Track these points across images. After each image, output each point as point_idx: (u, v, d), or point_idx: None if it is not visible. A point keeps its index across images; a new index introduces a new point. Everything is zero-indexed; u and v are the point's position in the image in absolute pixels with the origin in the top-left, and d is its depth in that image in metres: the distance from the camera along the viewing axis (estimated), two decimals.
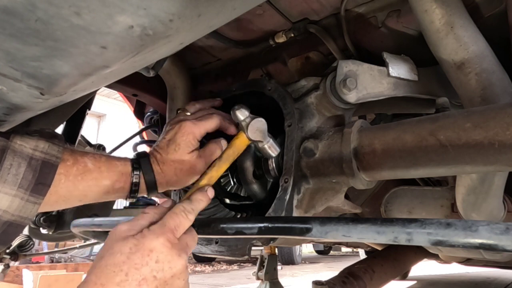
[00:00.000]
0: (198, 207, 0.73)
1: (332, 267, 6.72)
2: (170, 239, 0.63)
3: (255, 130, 0.83)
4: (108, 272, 0.58)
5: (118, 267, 0.58)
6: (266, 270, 2.67)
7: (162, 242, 0.62)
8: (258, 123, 0.83)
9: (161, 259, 0.61)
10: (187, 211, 0.69)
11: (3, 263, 2.29)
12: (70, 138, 1.54)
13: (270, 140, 0.87)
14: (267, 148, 0.88)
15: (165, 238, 0.63)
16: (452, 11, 0.85)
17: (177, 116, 0.94)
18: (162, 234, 0.63)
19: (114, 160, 0.84)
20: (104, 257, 0.60)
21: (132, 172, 0.84)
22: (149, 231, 0.63)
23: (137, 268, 0.59)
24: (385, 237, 0.60)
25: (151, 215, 0.68)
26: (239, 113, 0.82)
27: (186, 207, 0.70)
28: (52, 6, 0.45)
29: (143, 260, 0.60)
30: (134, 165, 0.85)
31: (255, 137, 0.84)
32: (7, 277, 3.59)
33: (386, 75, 0.97)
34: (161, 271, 0.60)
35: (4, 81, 0.57)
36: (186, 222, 0.69)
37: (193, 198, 0.74)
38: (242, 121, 0.83)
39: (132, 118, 2.12)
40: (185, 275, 0.65)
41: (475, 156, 0.71)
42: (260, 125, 0.83)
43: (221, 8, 0.57)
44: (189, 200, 0.73)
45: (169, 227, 0.65)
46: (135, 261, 0.59)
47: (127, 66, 0.63)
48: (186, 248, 0.66)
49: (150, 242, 0.61)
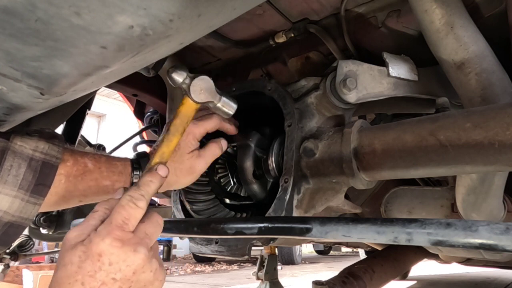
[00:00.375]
0: (149, 191, 0.65)
1: (332, 267, 6.72)
2: (119, 237, 0.58)
3: (199, 90, 0.73)
4: (64, 285, 0.55)
5: (72, 278, 0.55)
6: (266, 270, 2.67)
7: (109, 243, 0.57)
8: (201, 81, 0.72)
9: (114, 261, 0.56)
10: (135, 199, 0.62)
11: (3, 263, 2.29)
12: (70, 138, 1.54)
13: (222, 98, 0.77)
14: (221, 107, 0.79)
15: (112, 238, 0.57)
16: (452, 11, 0.85)
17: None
18: (108, 235, 0.57)
19: (114, 160, 0.84)
20: (58, 270, 0.57)
21: (132, 172, 0.84)
22: (95, 234, 0.58)
23: (91, 275, 0.55)
24: (385, 237, 0.60)
25: (101, 212, 0.62)
26: (176, 75, 0.71)
27: (133, 194, 0.62)
28: (52, 6, 0.45)
29: (95, 266, 0.56)
30: (134, 165, 0.85)
31: (202, 98, 0.74)
32: (7, 277, 3.59)
33: (386, 75, 0.97)
34: (118, 271, 0.56)
35: (4, 81, 0.57)
36: (137, 212, 0.61)
37: (141, 182, 0.66)
38: (182, 83, 0.72)
39: (132, 118, 2.12)
40: (150, 266, 0.60)
41: (475, 156, 0.71)
42: (203, 84, 0.73)
43: (221, 8, 0.57)
44: (137, 186, 0.65)
45: (116, 224, 0.59)
46: (87, 269, 0.55)
47: (127, 66, 0.63)
48: (145, 239, 0.61)
49: (97, 247, 0.56)
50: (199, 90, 0.72)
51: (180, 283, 4.93)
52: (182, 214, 1.11)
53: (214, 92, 0.75)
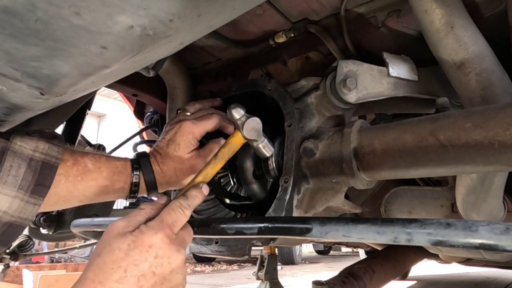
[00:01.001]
0: (194, 203, 0.73)
1: (332, 267, 6.72)
2: (168, 235, 0.63)
3: (250, 129, 0.84)
4: (106, 270, 0.57)
5: (116, 264, 0.58)
6: (266, 270, 2.67)
7: (160, 237, 0.62)
8: (253, 122, 0.84)
9: (160, 255, 0.61)
10: (184, 207, 0.69)
11: (3, 263, 2.29)
12: (70, 138, 1.54)
13: (264, 139, 0.88)
14: (261, 147, 0.88)
15: (164, 233, 0.62)
16: (452, 11, 0.85)
17: (177, 116, 0.93)
18: (161, 230, 0.62)
19: (114, 160, 0.84)
20: (101, 254, 0.59)
21: (132, 172, 0.84)
22: (147, 227, 0.62)
23: (136, 264, 0.58)
24: (385, 237, 0.60)
25: (147, 211, 0.68)
26: (235, 112, 0.83)
27: (182, 203, 0.70)
28: (52, 6, 0.45)
29: (142, 256, 0.59)
30: (134, 165, 0.85)
31: (251, 136, 0.84)
32: (7, 277, 3.59)
33: (386, 75, 0.97)
34: (160, 266, 0.60)
35: (4, 81, 0.57)
36: (183, 218, 0.68)
37: (188, 194, 0.73)
38: (238, 120, 0.83)
39: (132, 118, 2.12)
40: (183, 270, 0.65)
41: (475, 156, 0.71)
42: (255, 124, 0.84)
43: (221, 8, 0.57)
44: (185, 196, 0.73)
45: (167, 223, 0.64)
46: (134, 257, 0.59)
47: (127, 66, 0.63)
48: (183, 243, 0.66)
49: (149, 238, 0.61)
50: (250, 129, 0.84)
51: None
52: None
53: (261, 133, 0.86)
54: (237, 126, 0.84)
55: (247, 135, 0.84)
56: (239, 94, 1.08)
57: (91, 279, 0.57)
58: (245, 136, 0.84)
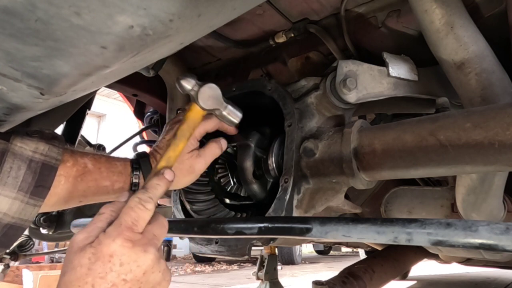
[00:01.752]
0: (156, 194, 0.66)
1: (332, 267, 6.72)
2: (129, 238, 0.58)
3: (207, 97, 0.75)
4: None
5: (82, 281, 0.54)
6: (266, 270, 2.66)
7: (120, 243, 0.57)
8: (209, 89, 0.75)
9: (125, 261, 0.57)
10: (144, 201, 0.63)
11: (3, 263, 2.29)
12: (70, 138, 1.54)
13: (228, 106, 0.80)
14: (226, 115, 0.81)
15: (123, 238, 0.58)
16: (452, 11, 0.85)
17: (176, 116, 0.93)
18: (119, 235, 0.58)
19: (114, 160, 0.84)
20: (66, 274, 0.56)
21: (132, 172, 0.84)
22: (105, 235, 0.58)
23: (102, 277, 0.55)
24: (385, 237, 0.60)
25: (107, 214, 0.63)
26: (185, 83, 0.73)
27: (141, 197, 0.63)
28: (52, 6, 0.45)
29: (106, 267, 0.56)
30: (133, 165, 0.85)
31: (209, 105, 0.76)
32: (7, 277, 3.59)
33: (386, 75, 0.97)
34: (129, 272, 0.57)
35: (4, 81, 0.57)
36: (146, 214, 0.62)
37: (148, 185, 0.67)
38: (190, 90, 0.74)
39: (132, 118, 2.12)
40: (159, 267, 0.60)
41: (475, 156, 0.71)
42: (211, 91, 0.75)
43: (221, 8, 0.57)
44: (144, 188, 0.66)
45: (126, 225, 0.59)
46: (97, 270, 0.55)
47: (127, 66, 0.63)
48: (153, 240, 0.62)
49: (107, 248, 0.56)
50: (207, 97, 0.75)
51: (180, 283, 4.93)
52: (182, 214, 1.11)
53: (221, 100, 0.78)
54: (192, 98, 0.75)
55: (205, 105, 0.75)
56: (239, 94, 1.08)
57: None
58: (203, 107, 0.75)
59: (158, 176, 0.68)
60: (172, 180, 0.70)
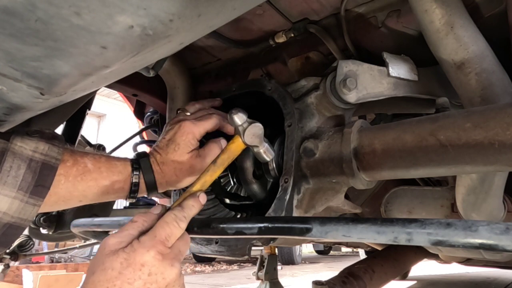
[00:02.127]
0: (190, 214, 0.71)
1: (332, 267, 6.72)
2: (161, 251, 0.62)
3: (252, 135, 0.81)
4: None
5: (111, 283, 0.57)
6: (266, 270, 2.66)
7: (153, 255, 0.61)
8: (255, 128, 0.81)
9: (153, 272, 0.60)
10: (179, 219, 0.67)
11: (3, 263, 2.29)
12: (70, 138, 1.54)
13: (265, 145, 0.86)
14: (262, 153, 0.86)
15: (156, 250, 0.61)
16: (452, 11, 0.85)
17: (176, 116, 0.93)
18: (153, 247, 0.61)
19: (114, 160, 0.84)
20: (95, 273, 0.59)
21: (132, 172, 0.84)
22: (139, 244, 0.61)
23: (130, 282, 0.58)
24: (385, 237, 0.60)
25: (140, 223, 0.66)
26: (237, 118, 0.80)
27: (177, 214, 0.68)
28: (52, 6, 0.45)
29: (135, 274, 0.59)
30: (133, 165, 0.85)
31: (252, 142, 0.82)
32: (7, 277, 3.59)
33: (386, 75, 0.97)
34: (154, 282, 0.60)
35: (4, 81, 0.57)
36: (178, 231, 0.67)
37: (184, 204, 0.71)
38: (239, 126, 0.80)
39: (132, 118, 2.12)
40: (180, 281, 0.64)
41: (475, 156, 0.71)
42: (257, 130, 0.81)
43: (221, 8, 0.57)
44: (181, 206, 0.70)
45: (160, 239, 0.63)
46: (127, 276, 0.58)
47: (127, 66, 0.63)
48: (178, 255, 0.65)
49: (141, 257, 0.60)
50: (251, 135, 0.81)
51: None
52: None
53: (262, 139, 0.84)
54: (238, 131, 0.81)
55: (248, 142, 0.81)
56: (239, 94, 1.08)
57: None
58: (246, 143, 0.82)
59: (194, 198, 0.73)
60: (204, 203, 0.75)
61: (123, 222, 1.07)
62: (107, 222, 1.17)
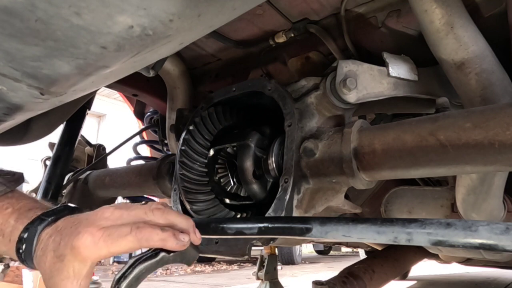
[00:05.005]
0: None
1: (332, 267, 6.72)
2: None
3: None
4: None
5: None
6: (266, 270, 2.66)
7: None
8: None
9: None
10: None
11: (3, 263, 2.28)
12: (70, 138, 1.54)
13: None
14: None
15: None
16: (452, 11, 0.85)
17: (81, 214, 0.66)
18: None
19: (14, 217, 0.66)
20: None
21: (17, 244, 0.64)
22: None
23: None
24: (385, 237, 0.60)
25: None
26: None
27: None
28: (52, 6, 0.45)
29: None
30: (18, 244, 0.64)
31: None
32: (7, 277, 3.59)
33: (386, 75, 0.97)
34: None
35: (4, 81, 0.57)
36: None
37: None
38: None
39: (132, 118, 2.12)
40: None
41: (475, 156, 0.71)
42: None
43: (221, 8, 0.57)
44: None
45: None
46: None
47: (127, 66, 0.63)
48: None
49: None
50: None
51: (180, 283, 4.93)
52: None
53: None
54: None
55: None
56: (239, 94, 1.08)
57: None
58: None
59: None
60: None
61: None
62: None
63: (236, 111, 1.15)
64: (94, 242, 0.56)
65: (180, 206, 1.12)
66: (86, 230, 0.57)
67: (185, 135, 1.11)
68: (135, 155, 2.01)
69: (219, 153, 1.14)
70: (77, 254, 0.56)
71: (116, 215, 0.62)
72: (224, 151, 1.13)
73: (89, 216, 0.62)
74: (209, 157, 1.11)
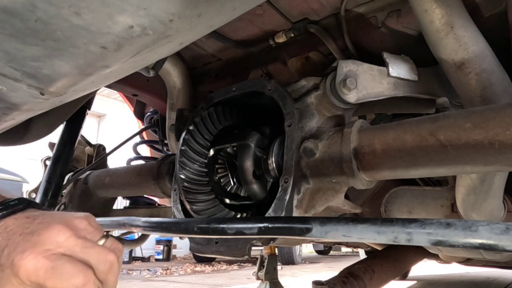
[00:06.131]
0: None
1: (332, 267, 6.72)
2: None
3: None
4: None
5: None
6: (266, 270, 2.66)
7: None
8: None
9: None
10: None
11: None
12: (70, 138, 1.54)
13: None
14: None
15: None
16: (452, 11, 0.85)
17: (38, 217, 0.57)
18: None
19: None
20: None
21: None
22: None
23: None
24: (385, 237, 0.60)
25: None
26: None
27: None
28: (52, 6, 0.45)
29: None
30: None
31: None
32: None
33: (386, 75, 0.97)
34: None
35: (4, 81, 0.57)
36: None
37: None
38: None
39: (132, 118, 2.12)
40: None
41: (475, 156, 0.71)
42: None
43: (221, 8, 0.57)
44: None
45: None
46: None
47: (127, 66, 0.63)
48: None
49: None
50: None
51: (180, 283, 4.93)
52: (182, 214, 1.10)
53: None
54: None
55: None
56: (239, 94, 1.08)
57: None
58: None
59: None
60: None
61: (123, 222, 1.07)
62: (106, 222, 1.17)
63: (236, 111, 1.15)
64: (35, 269, 0.51)
65: (180, 206, 1.12)
66: (32, 252, 0.52)
67: (185, 135, 1.11)
68: (135, 155, 2.01)
69: (219, 153, 1.14)
70: (16, 272, 0.51)
71: (70, 243, 0.54)
72: (224, 151, 1.13)
73: (42, 230, 0.54)
74: (209, 157, 1.11)
